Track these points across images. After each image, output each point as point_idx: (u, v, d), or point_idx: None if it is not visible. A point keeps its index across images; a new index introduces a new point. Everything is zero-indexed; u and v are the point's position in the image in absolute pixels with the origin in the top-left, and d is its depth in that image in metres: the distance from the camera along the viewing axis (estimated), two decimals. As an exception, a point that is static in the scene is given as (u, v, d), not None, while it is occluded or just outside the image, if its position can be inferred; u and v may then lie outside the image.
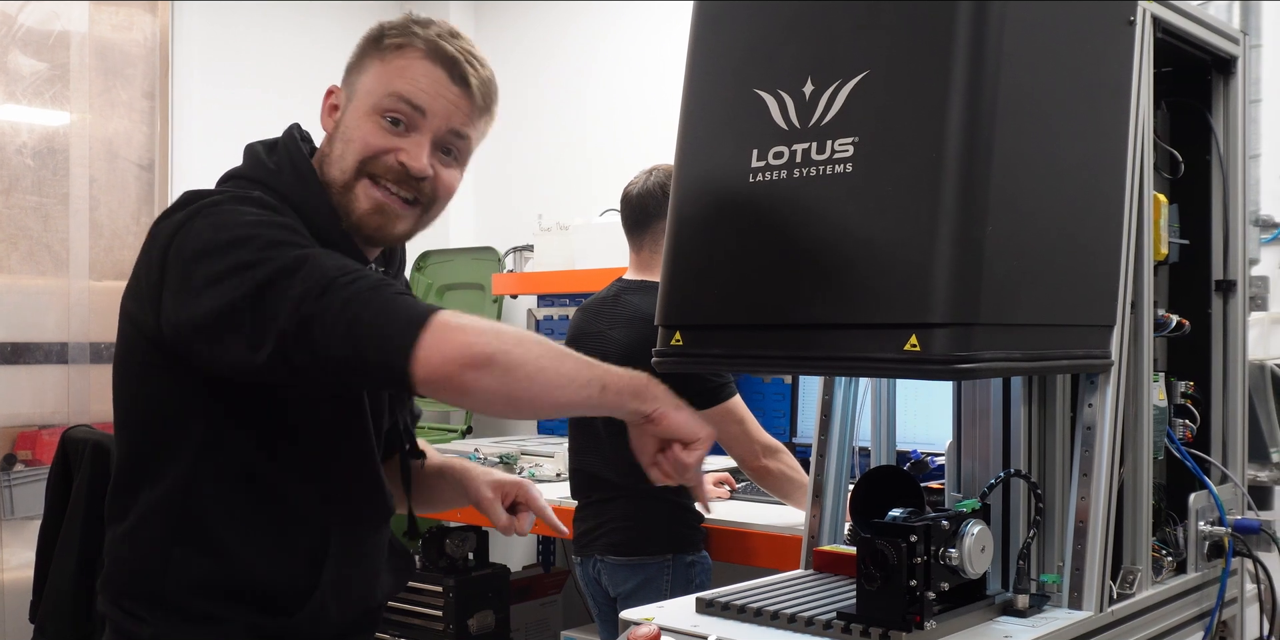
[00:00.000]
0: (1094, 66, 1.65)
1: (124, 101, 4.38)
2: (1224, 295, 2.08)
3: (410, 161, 1.57)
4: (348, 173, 1.58)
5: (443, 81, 1.58)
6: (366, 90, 1.59)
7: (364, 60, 1.62)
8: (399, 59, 1.58)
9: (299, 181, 1.58)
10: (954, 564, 1.52)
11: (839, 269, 1.48)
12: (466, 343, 1.31)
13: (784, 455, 2.74)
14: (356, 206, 1.58)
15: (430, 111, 1.57)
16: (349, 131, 1.59)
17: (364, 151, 1.57)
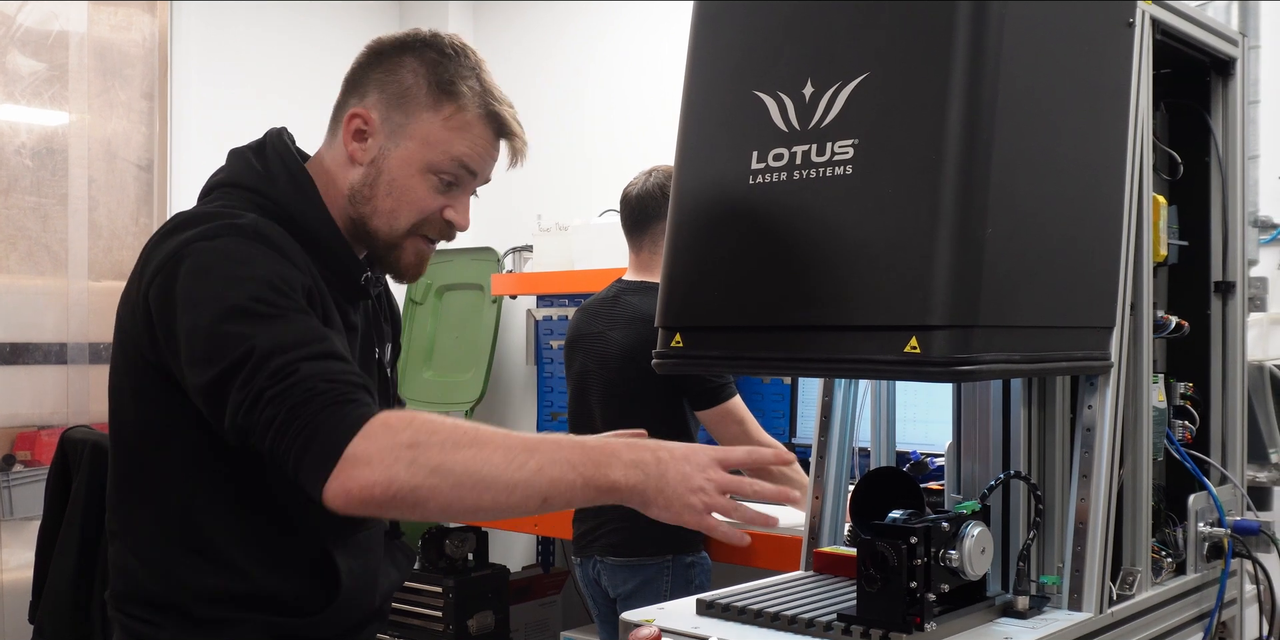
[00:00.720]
0: (1093, 68, 1.66)
1: (123, 102, 4.38)
2: (1223, 296, 2.09)
3: (458, 220, 1.65)
4: (398, 233, 1.61)
5: (492, 142, 1.64)
6: (423, 143, 1.59)
7: (413, 104, 1.59)
8: (460, 119, 1.60)
9: (296, 190, 1.58)
10: (954, 565, 1.52)
11: (839, 271, 1.49)
12: (370, 483, 1.26)
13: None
14: (404, 260, 1.64)
15: (480, 173, 1.64)
16: (399, 187, 1.59)
17: (417, 214, 1.61)
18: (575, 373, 2.90)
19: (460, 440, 1.28)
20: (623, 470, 1.31)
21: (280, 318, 1.37)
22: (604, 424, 2.79)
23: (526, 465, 1.28)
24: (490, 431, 1.32)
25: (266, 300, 1.38)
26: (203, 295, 1.39)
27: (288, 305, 1.39)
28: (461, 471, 1.27)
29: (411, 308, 4.85)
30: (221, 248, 1.43)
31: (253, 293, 1.38)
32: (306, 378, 1.31)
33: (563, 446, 1.31)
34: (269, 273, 1.41)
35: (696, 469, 1.33)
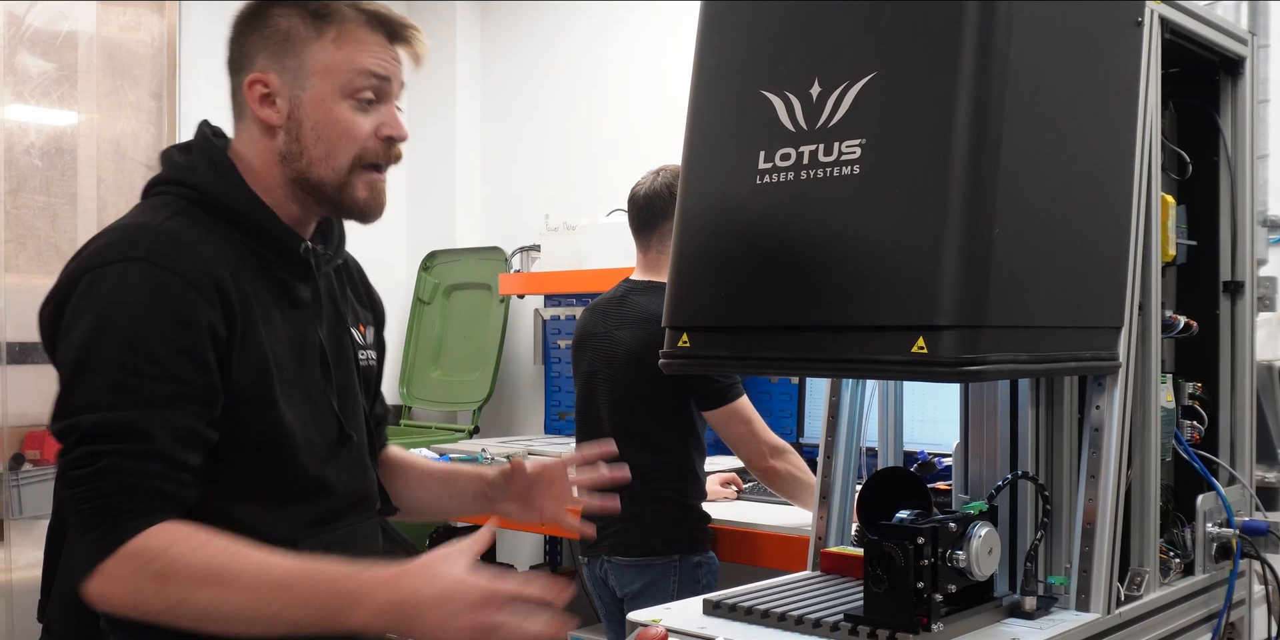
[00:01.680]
0: (1101, 67, 1.65)
1: (131, 102, 4.38)
2: (1232, 296, 2.08)
3: (395, 132, 1.57)
4: (342, 171, 1.55)
5: (386, 45, 1.57)
6: (325, 74, 1.54)
7: (296, 44, 1.55)
8: (347, 37, 1.54)
9: (216, 174, 1.56)
10: (961, 566, 1.52)
11: (846, 271, 1.48)
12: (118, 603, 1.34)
13: (791, 456, 2.74)
14: (359, 197, 1.57)
15: (391, 77, 1.57)
16: (324, 125, 1.54)
17: (354, 144, 1.55)
18: (583, 372, 2.90)
19: (207, 578, 1.30)
20: (367, 616, 1.30)
21: (123, 396, 1.37)
22: (611, 424, 2.78)
23: (270, 606, 1.31)
24: (241, 565, 1.32)
25: (123, 371, 1.38)
26: (76, 341, 1.41)
27: (140, 381, 1.38)
28: (200, 611, 1.31)
29: (419, 307, 4.86)
30: (111, 287, 1.42)
31: (114, 358, 1.38)
32: (104, 473, 1.34)
33: (316, 583, 1.31)
34: (145, 326, 1.40)
35: (459, 611, 1.28)
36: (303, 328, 1.59)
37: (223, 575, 1.31)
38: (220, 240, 1.51)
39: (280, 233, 1.57)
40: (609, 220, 4.04)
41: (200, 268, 1.45)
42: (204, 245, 1.48)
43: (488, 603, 1.28)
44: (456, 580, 1.29)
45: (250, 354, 1.48)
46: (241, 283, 1.49)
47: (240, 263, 1.52)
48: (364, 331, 1.75)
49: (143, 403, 1.37)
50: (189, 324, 1.41)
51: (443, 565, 1.31)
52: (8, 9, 4.10)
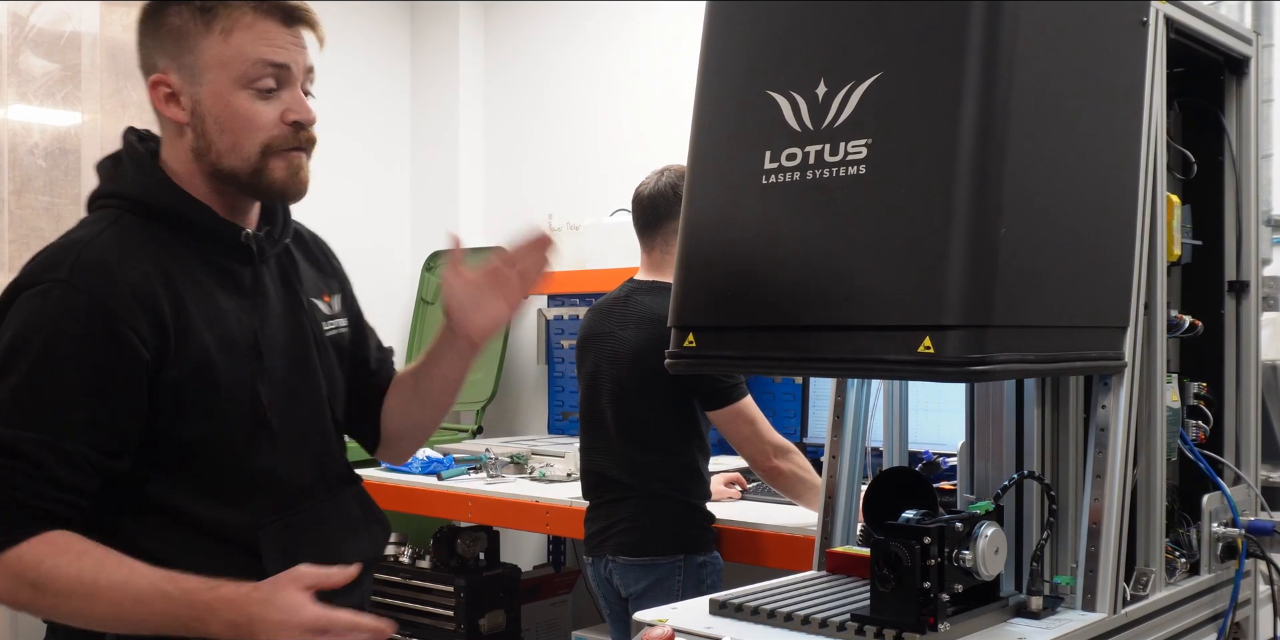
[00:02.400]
0: (1107, 67, 1.65)
1: (135, 102, 4.39)
2: (1237, 296, 2.08)
3: (301, 116, 1.57)
4: (252, 159, 1.56)
5: (282, 31, 1.57)
6: (219, 67, 1.54)
7: (188, 40, 1.55)
8: (236, 28, 1.54)
9: (142, 175, 1.58)
10: (968, 566, 1.52)
11: (852, 271, 1.49)
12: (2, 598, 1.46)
13: (795, 456, 2.74)
14: (277, 178, 1.57)
15: (291, 62, 1.57)
16: (225, 118, 1.55)
17: (261, 133, 1.55)
18: (587, 372, 2.90)
19: (75, 590, 1.42)
20: (219, 627, 1.41)
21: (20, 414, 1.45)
22: (615, 424, 2.79)
23: (132, 615, 1.43)
24: (107, 580, 1.42)
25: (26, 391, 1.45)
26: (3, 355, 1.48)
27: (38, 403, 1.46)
28: (73, 617, 1.46)
29: (423, 307, 4.86)
30: (31, 308, 1.49)
31: (20, 377, 1.46)
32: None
33: (172, 598, 1.42)
34: (54, 350, 1.47)
35: (293, 635, 1.39)
36: (250, 313, 1.61)
37: (90, 588, 1.42)
38: (157, 245, 1.55)
39: (215, 224, 1.59)
40: (613, 220, 4.04)
41: (122, 284, 1.49)
42: (131, 258, 1.52)
43: (319, 628, 1.40)
44: (292, 608, 1.40)
45: (189, 355, 1.52)
46: (177, 286, 1.53)
47: (179, 263, 1.55)
48: (329, 301, 1.77)
49: (37, 424, 1.45)
50: (100, 348, 1.47)
51: (278, 592, 1.41)
52: (11, 9, 4.11)
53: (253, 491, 1.59)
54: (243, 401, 1.57)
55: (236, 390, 1.56)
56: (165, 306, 1.50)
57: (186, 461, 1.56)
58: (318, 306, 1.74)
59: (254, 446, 1.59)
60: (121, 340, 1.47)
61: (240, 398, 1.57)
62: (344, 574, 1.45)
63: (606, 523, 2.79)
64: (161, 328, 1.50)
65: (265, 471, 1.61)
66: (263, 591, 1.42)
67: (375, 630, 1.42)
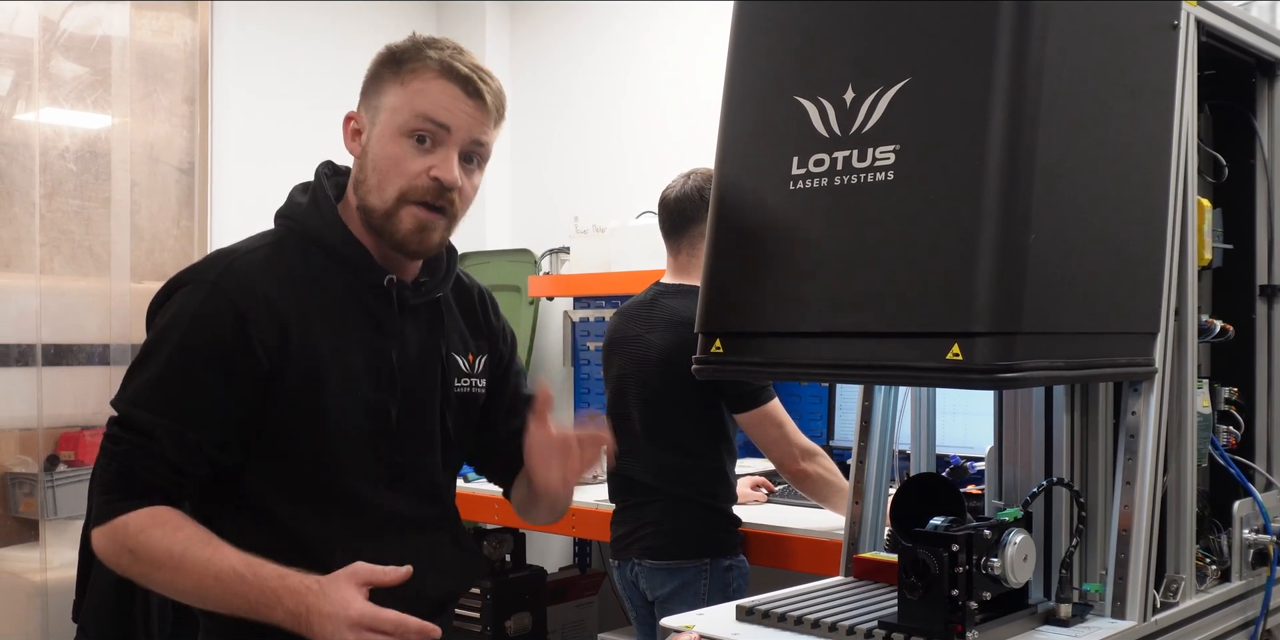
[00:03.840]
0: (1137, 70, 1.64)
1: (164, 106, 4.42)
2: (1268, 300, 2.06)
3: (443, 175, 1.65)
4: (389, 202, 1.66)
5: (460, 97, 1.66)
6: (390, 112, 1.66)
7: (380, 84, 1.69)
8: (416, 81, 1.65)
9: (314, 207, 1.72)
10: (996, 573, 1.51)
11: (880, 277, 1.48)
12: (105, 558, 1.59)
13: (822, 459, 2.74)
14: (401, 228, 1.67)
15: (454, 127, 1.65)
16: (381, 159, 1.66)
17: (402, 178, 1.65)
18: (613, 376, 2.90)
19: (165, 561, 1.53)
20: (283, 616, 1.49)
21: (154, 398, 1.60)
22: (642, 427, 2.79)
23: (211, 592, 1.53)
24: (194, 556, 1.53)
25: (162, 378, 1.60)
26: (146, 342, 1.65)
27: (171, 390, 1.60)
28: (161, 586, 1.58)
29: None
30: (180, 304, 1.64)
31: (159, 365, 1.61)
32: (118, 457, 1.59)
33: (247, 581, 1.51)
34: (190, 344, 1.61)
35: (339, 628, 1.45)
36: (381, 352, 1.70)
37: (178, 562, 1.53)
38: (307, 269, 1.68)
39: (363, 264, 1.70)
40: (639, 222, 4.04)
41: (259, 296, 1.62)
42: (275, 274, 1.65)
43: (365, 625, 1.45)
44: (343, 602, 1.46)
45: (305, 366, 1.63)
46: (309, 304, 1.66)
47: (322, 291, 1.68)
48: (472, 360, 1.85)
49: (166, 410, 1.59)
50: (228, 349, 1.60)
51: (335, 586, 1.48)
52: (42, 14, 4.14)
53: (344, 511, 1.67)
54: (355, 427, 1.67)
55: (349, 414, 1.66)
56: (292, 319, 1.63)
57: (290, 470, 1.65)
58: (456, 361, 1.82)
59: (363, 473, 1.68)
60: (248, 346, 1.60)
61: (352, 423, 1.66)
62: (399, 573, 1.51)
63: (633, 526, 2.79)
64: (285, 337, 1.62)
65: (365, 498, 1.69)
66: (321, 584, 1.49)
67: (422, 631, 1.46)
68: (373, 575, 1.50)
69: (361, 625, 1.44)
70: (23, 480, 4.13)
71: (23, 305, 4.09)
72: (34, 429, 4.13)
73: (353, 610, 1.45)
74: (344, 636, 1.44)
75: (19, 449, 4.15)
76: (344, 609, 1.45)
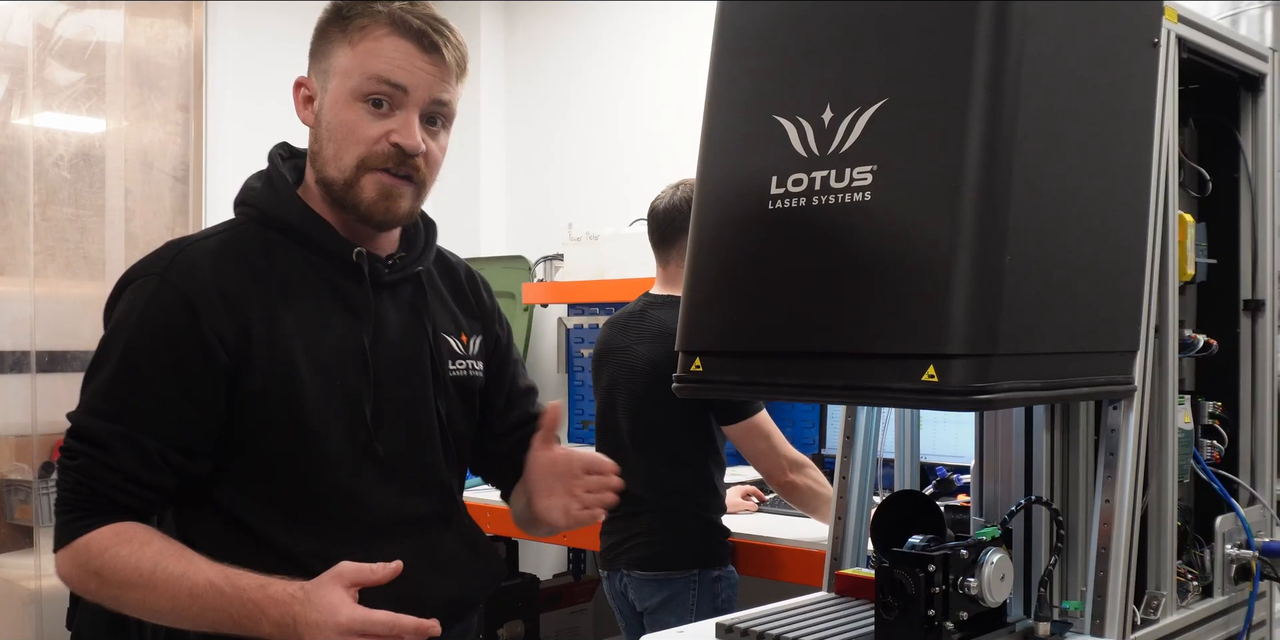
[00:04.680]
0: (1117, 89, 1.64)
1: (159, 113, 4.43)
2: (1252, 314, 2.06)
3: (403, 140, 1.54)
4: (347, 171, 1.56)
5: (415, 53, 1.55)
6: (342, 75, 1.56)
7: (328, 45, 1.58)
8: (365, 39, 1.55)
9: (269, 189, 1.62)
10: (973, 593, 1.51)
11: (857, 298, 1.48)
12: (69, 583, 1.50)
13: (810, 470, 2.74)
14: (364, 197, 1.57)
15: (411, 87, 1.55)
16: (336, 127, 1.56)
17: (359, 146, 1.55)
18: (603, 386, 2.90)
19: (135, 581, 1.43)
20: (269, 627, 1.41)
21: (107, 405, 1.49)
22: (631, 437, 2.79)
23: (188, 610, 1.43)
24: (166, 573, 1.43)
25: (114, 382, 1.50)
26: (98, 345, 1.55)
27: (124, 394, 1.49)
28: (133, 608, 1.47)
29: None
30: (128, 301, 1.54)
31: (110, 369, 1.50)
32: (73, 471, 1.48)
33: (225, 595, 1.42)
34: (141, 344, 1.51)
35: (329, 636, 1.38)
36: (356, 334, 1.59)
37: (150, 580, 1.43)
38: (268, 254, 1.57)
39: (326, 239, 1.59)
40: (632, 230, 4.05)
41: (211, 286, 1.51)
42: (230, 262, 1.55)
43: (355, 630, 1.36)
44: (330, 608, 1.38)
45: (273, 359, 1.52)
46: (275, 295, 1.54)
47: (287, 275, 1.57)
48: (465, 341, 1.74)
49: (119, 416, 1.48)
50: (180, 345, 1.49)
51: (320, 592, 1.40)
52: (37, 20, 4.15)
53: (335, 518, 1.57)
54: (335, 420, 1.55)
55: (327, 408, 1.55)
56: (254, 313, 1.52)
57: (268, 477, 1.54)
58: (448, 342, 1.71)
59: (351, 470, 1.57)
60: (202, 339, 1.49)
61: (332, 416, 1.55)
62: (387, 569, 1.42)
63: (622, 536, 2.80)
64: (245, 333, 1.51)
65: (354, 498, 1.58)
66: (306, 591, 1.40)
67: (418, 629, 1.38)
68: (359, 575, 1.40)
69: (352, 631, 1.35)
70: (18, 487, 4.14)
71: (17, 312, 4.10)
72: (29, 436, 4.15)
73: (341, 616, 1.36)
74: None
75: (14, 456, 4.17)
76: (332, 615, 1.36)
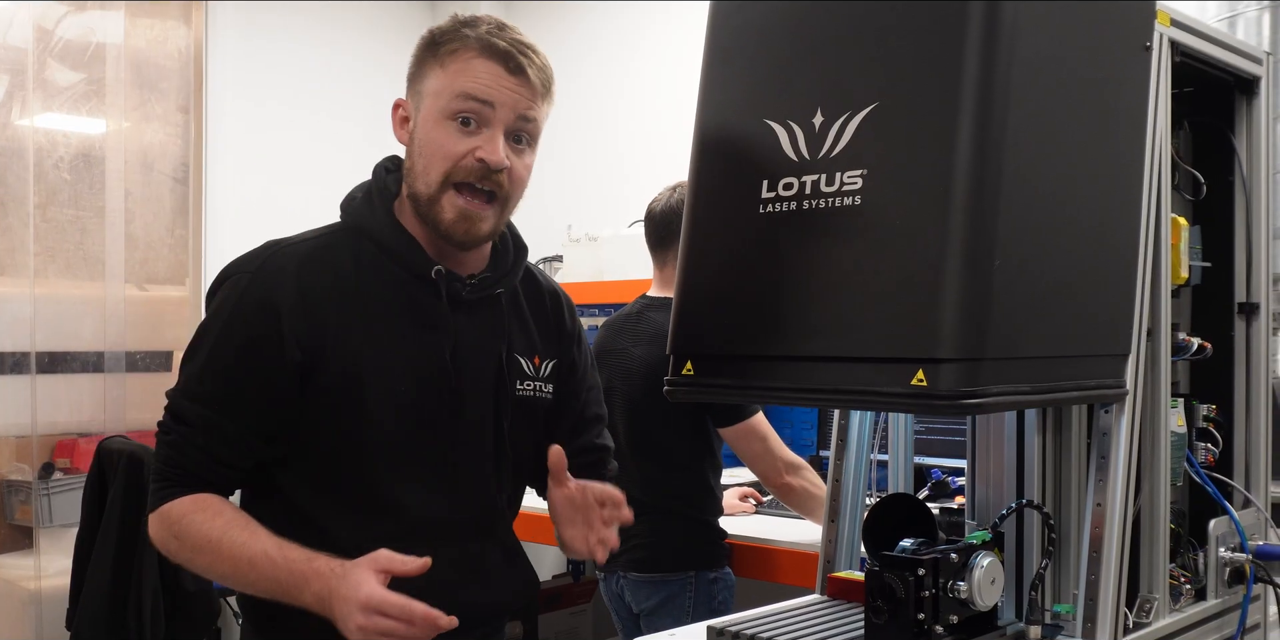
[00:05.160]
0: (1110, 92, 1.64)
1: (159, 114, 4.43)
2: (1247, 317, 2.06)
3: (488, 156, 1.63)
4: (433, 186, 1.64)
5: (501, 74, 1.63)
6: (433, 96, 1.64)
7: (422, 68, 1.68)
8: (455, 62, 1.64)
9: (365, 203, 1.72)
10: (963, 597, 1.51)
11: (847, 302, 1.48)
12: (156, 543, 1.63)
13: (806, 472, 2.74)
14: (444, 217, 1.65)
15: (497, 103, 1.63)
16: (425, 143, 1.65)
17: (446, 161, 1.63)
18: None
19: (204, 546, 1.57)
20: (310, 598, 1.51)
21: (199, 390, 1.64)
22: (627, 440, 2.79)
23: (246, 576, 1.56)
24: (230, 541, 1.56)
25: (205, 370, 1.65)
26: (196, 333, 1.69)
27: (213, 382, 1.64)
28: (202, 570, 1.62)
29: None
30: (223, 296, 1.67)
31: (203, 357, 1.65)
32: (166, 446, 1.64)
33: (276, 565, 1.54)
34: (230, 337, 1.64)
35: (351, 611, 1.46)
36: (428, 348, 1.67)
37: (216, 546, 1.56)
38: (355, 263, 1.67)
39: (411, 255, 1.68)
40: (631, 231, 4.05)
41: (295, 288, 1.62)
42: (316, 267, 1.65)
43: (372, 607, 1.44)
44: (356, 585, 1.46)
45: (342, 361, 1.62)
46: (352, 299, 1.65)
47: (370, 283, 1.67)
48: (539, 363, 1.81)
49: (206, 401, 1.62)
50: (261, 340, 1.61)
51: (354, 570, 1.49)
52: (37, 22, 4.16)
53: (379, 514, 1.66)
54: (391, 424, 1.65)
55: (386, 411, 1.64)
56: (330, 317, 1.63)
57: (326, 470, 1.66)
58: (519, 363, 1.78)
59: (400, 473, 1.66)
60: (280, 338, 1.60)
61: (389, 420, 1.65)
62: (417, 563, 1.49)
63: (618, 538, 2.79)
64: (320, 334, 1.62)
65: (398, 500, 1.66)
66: (344, 568, 1.50)
67: (428, 617, 1.44)
68: (390, 563, 1.49)
69: (369, 607, 1.44)
70: (18, 488, 4.15)
71: (17, 313, 4.11)
72: (29, 436, 4.16)
73: (362, 593, 1.45)
74: (356, 619, 1.44)
75: (14, 457, 4.18)
76: (356, 591, 1.45)
